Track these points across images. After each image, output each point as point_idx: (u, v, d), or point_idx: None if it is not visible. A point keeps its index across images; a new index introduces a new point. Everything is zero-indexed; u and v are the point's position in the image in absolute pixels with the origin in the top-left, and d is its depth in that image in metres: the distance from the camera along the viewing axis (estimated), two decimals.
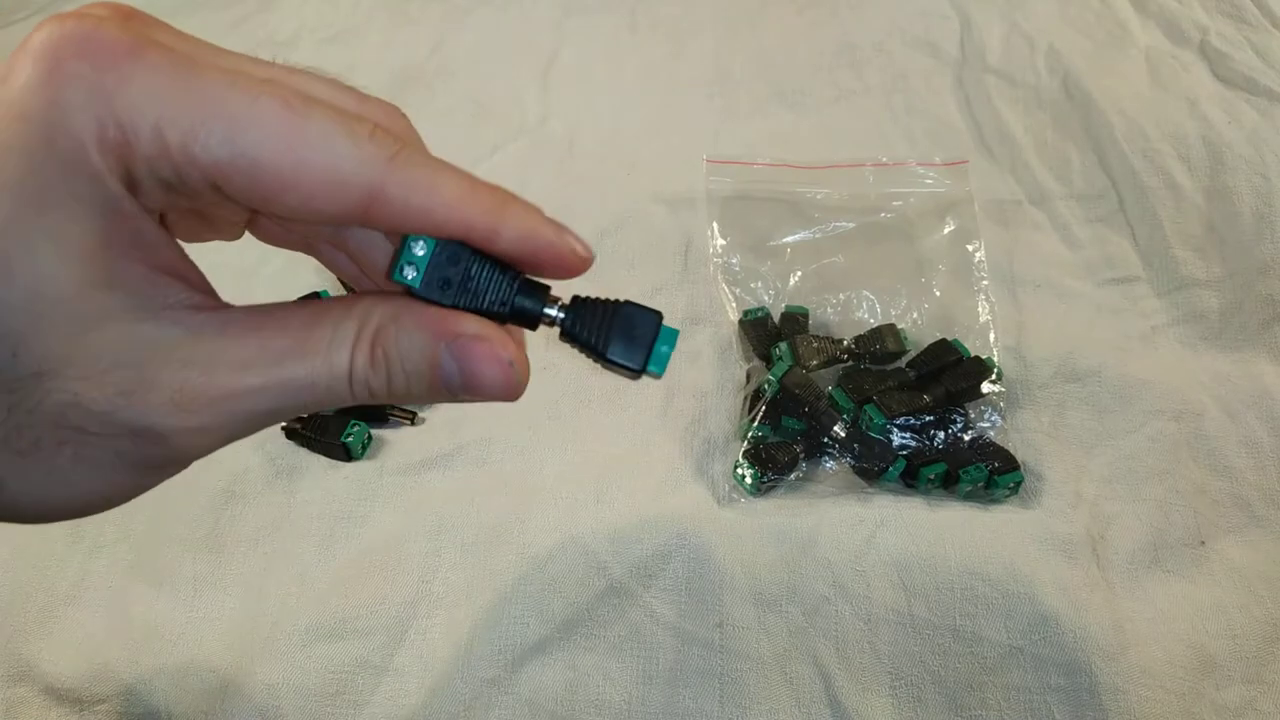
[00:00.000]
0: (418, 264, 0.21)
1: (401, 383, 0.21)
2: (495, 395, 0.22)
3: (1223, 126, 0.59)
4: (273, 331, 0.20)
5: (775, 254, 0.55)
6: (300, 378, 0.20)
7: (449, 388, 0.22)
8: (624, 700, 0.40)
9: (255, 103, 0.19)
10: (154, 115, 0.18)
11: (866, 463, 0.45)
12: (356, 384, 0.21)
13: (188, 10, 0.80)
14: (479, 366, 0.21)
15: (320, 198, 0.19)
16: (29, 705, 0.41)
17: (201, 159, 0.18)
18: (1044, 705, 0.39)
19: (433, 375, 0.21)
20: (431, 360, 0.21)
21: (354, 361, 0.21)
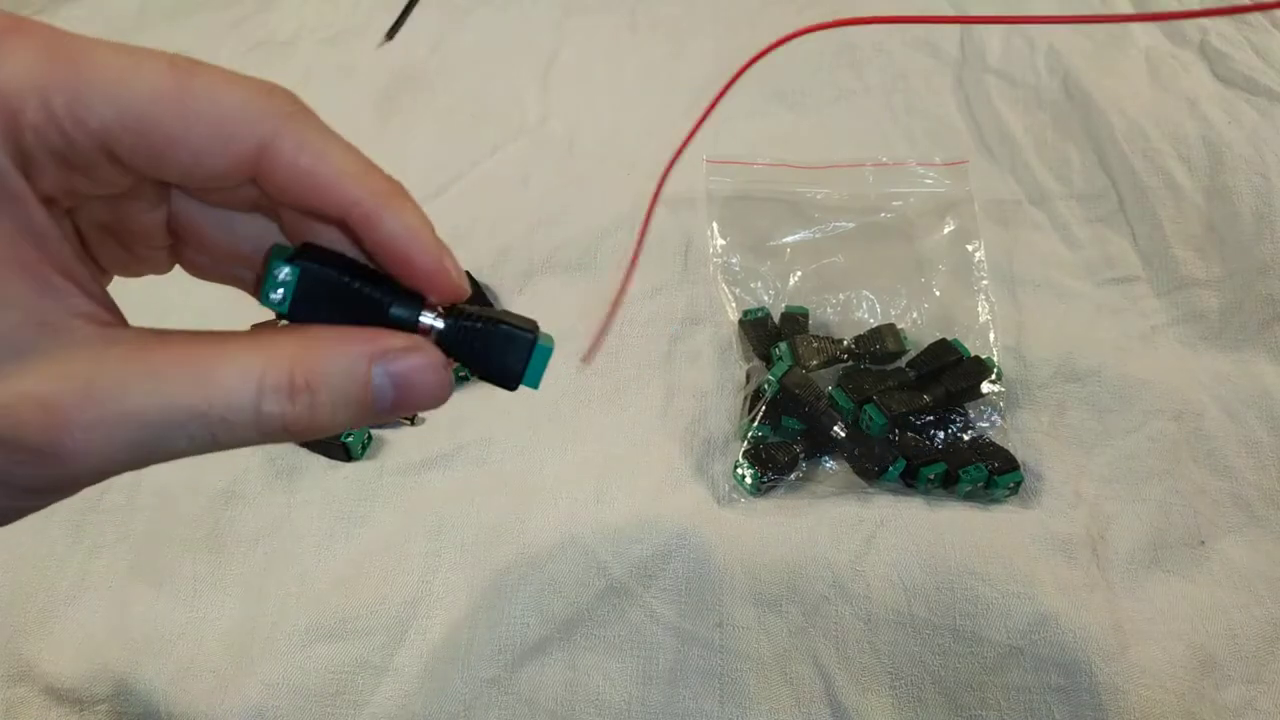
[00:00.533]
0: (285, 287, 0.21)
1: (326, 412, 0.20)
2: (429, 405, 0.21)
3: (1223, 126, 0.59)
4: (165, 355, 0.19)
5: (775, 254, 0.55)
6: (190, 405, 0.19)
7: (379, 407, 0.21)
8: (624, 700, 0.40)
9: (139, 64, 0.18)
10: (37, 82, 0.17)
11: (866, 463, 0.45)
12: (265, 416, 0.19)
13: (187, 10, 0.80)
14: (416, 378, 0.21)
15: (211, 153, 0.19)
16: (29, 705, 0.41)
17: (89, 121, 0.18)
18: (1044, 705, 0.39)
19: (363, 395, 0.20)
20: (361, 380, 0.20)
21: (262, 389, 0.19)
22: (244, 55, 0.75)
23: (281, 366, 0.19)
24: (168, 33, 0.78)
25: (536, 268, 0.57)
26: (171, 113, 0.18)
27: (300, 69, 0.73)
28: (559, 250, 0.57)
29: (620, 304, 0.45)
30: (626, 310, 0.54)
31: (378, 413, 0.21)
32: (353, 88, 0.71)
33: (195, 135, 0.19)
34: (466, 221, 0.60)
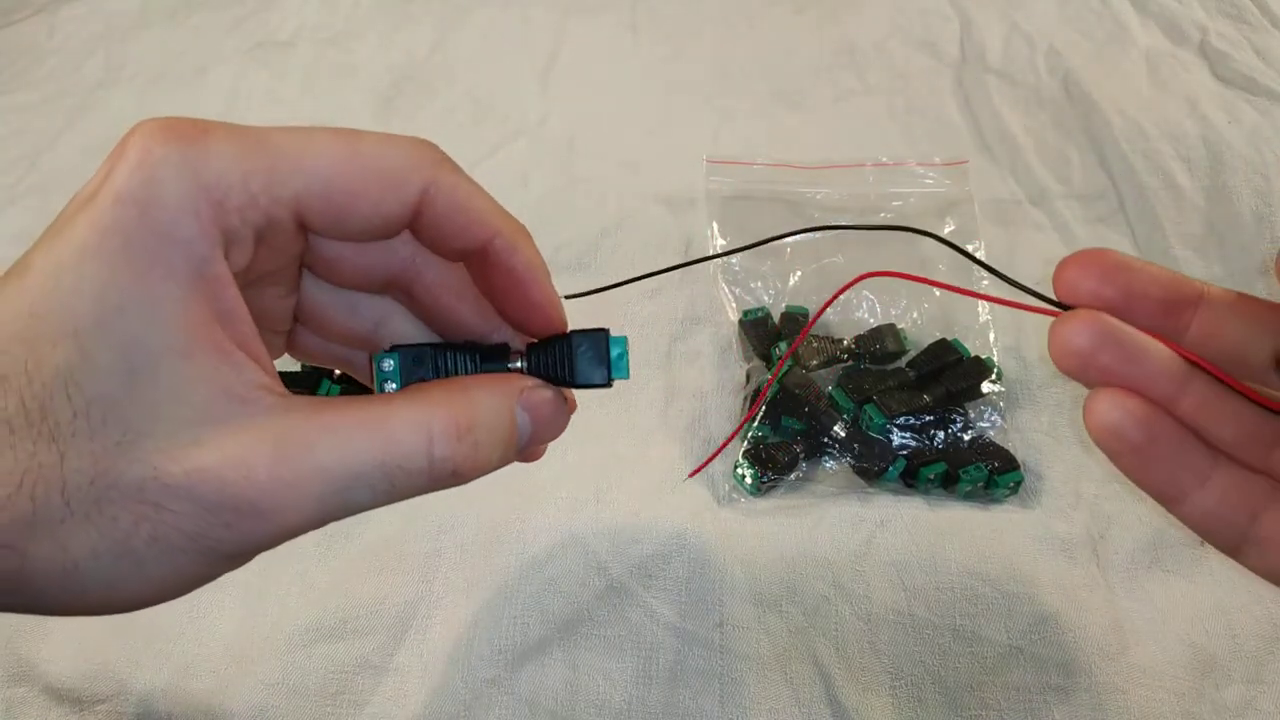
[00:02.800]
0: (392, 376, 0.23)
1: (485, 450, 0.22)
2: (554, 435, 0.24)
3: (1223, 126, 0.59)
4: (340, 416, 0.21)
5: (775, 254, 0.55)
6: (370, 458, 0.20)
7: (521, 441, 0.23)
8: (624, 700, 0.40)
9: (312, 139, 0.21)
10: (237, 172, 0.20)
11: (866, 463, 0.45)
12: (438, 462, 0.21)
13: (187, 10, 0.80)
14: (546, 411, 0.23)
15: (385, 201, 0.21)
16: (29, 705, 0.41)
17: (283, 194, 0.20)
18: (1044, 705, 0.39)
19: (510, 432, 0.22)
20: (509, 418, 0.22)
21: (433, 438, 0.21)
22: (244, 55, 0.75)
23: (447, 414, 0.21)
24: (168, 33, 0.78)
25: None
26: (349, 173, 0.21)
27: (300, 69, 0.73)
28: (559, 250, 0.57)
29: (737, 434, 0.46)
30: (626, 310, 0.54)
31: (521, 447, 0.23)
32: (353, 88, 0.71)
33: (372, 188, 0.21)
34: None
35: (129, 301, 0.19)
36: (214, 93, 0.72)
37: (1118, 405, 0.20)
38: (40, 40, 0.78)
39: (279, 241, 0.22)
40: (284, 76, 0.73)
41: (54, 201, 0.24)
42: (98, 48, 0.77)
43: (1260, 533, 0.20)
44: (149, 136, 0.19)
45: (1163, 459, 0.20)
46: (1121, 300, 0.21)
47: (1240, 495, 0.20)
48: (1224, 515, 0.21)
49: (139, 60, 0.76)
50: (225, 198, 0.20)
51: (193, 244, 0.19)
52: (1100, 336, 0.20)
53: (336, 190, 0.21)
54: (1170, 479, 0.20)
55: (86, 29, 0.79)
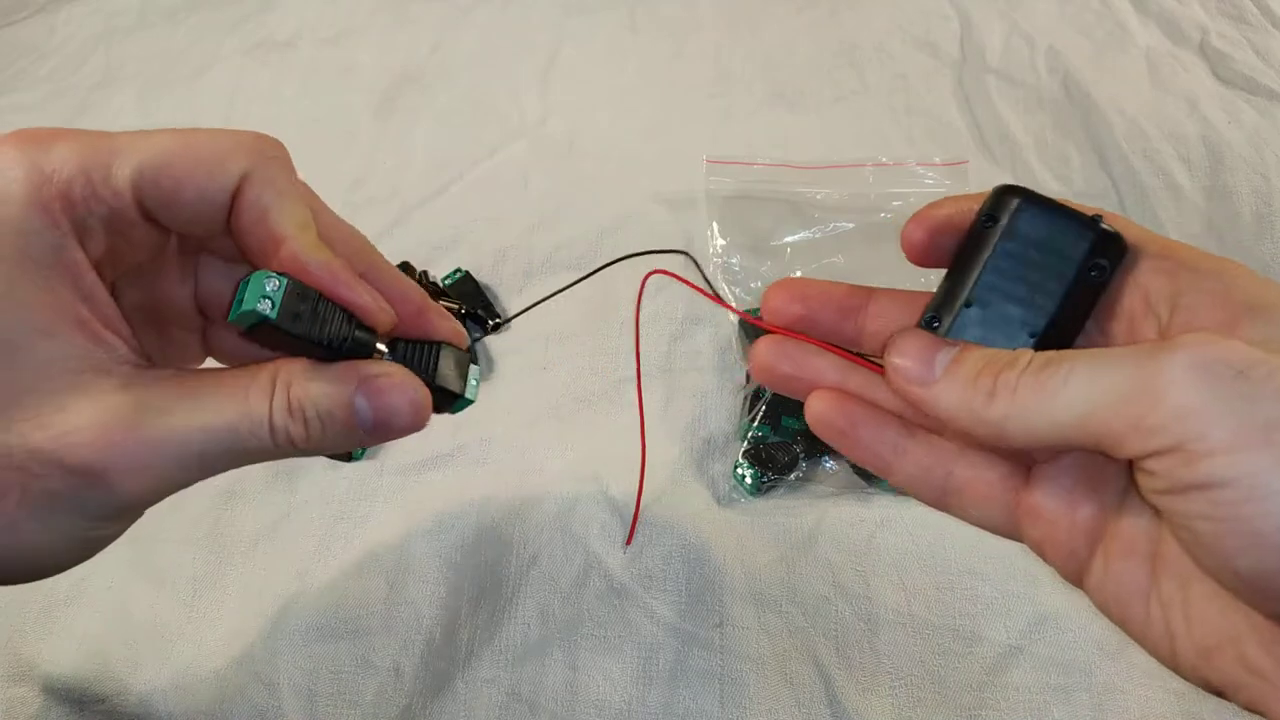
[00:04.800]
0: (273, 298, 0.23)
1: (318, 428, 0.23)
2: (405, 428, 0.24)
3: (1223, 126, 0.59)
4: (195, 385, 0.23)
5: (775, 254, 0.55)
6: (221, 424, 0.22)
7: (362, 427, 0.24)
8: (624, 700, 0.40)
9: (150, 135, 0.23)
10: (76, 166, 0.22)
11: None
12: (277, 431, 0.23)
13: (187, 10, 0.80)
14: (389, 400, 0.24)
15: (208, 185, 0.23)
16: (29, 705, 0.41)
17: (119, 183, 0.22)
18: (1044, 705, 0.39)
19: (346, 417, 0.23)
20: (344, 403, 0.23)
21: (273, 409, 0.23)
22: (244, 55, 0.75)
23: (284, 390, 0.23)
24: (168, 33, 0.78)
25: (536, 268, 0.57)
26: (177, 159, 0.23)
27: (300, 69, 0.73)
28: (559, 250, 0.57)
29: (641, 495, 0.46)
30: (626, 310, 0.54)
31: (364, 431, 0.24)
32: (353, 88, 0.71)
33: (197, 172, 0.23)
34: (466, 221, 0.60)
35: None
36: (214, 93, 0.72)
37: (822, 401, 0.25)
38: (40, 40, 0.78)
39: (132, 231, 0.23)
40: (284, 76, 0.73)
41: None
42: (98, 48, 0.77)
43: (955, 484, 0.25)
44: (2, 143, 0.22)
45: (864, 439, 0.25)
46: (809, 314, 0.25)
47: (933, 458, 0.25)
48: (922, 477, 0.25)
49: (139, 60, 0.76)
50: (69, 190, 0.22)
51: (43, 233, 0.21)
52: (775, 353, 0.26)
53: (165, 175, 0.22)
54: (875, 454, 0.25)
55: (86, 29, 0.79)
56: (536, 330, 0.53)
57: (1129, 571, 0.22)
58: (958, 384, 0.21)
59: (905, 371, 0.22)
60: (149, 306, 0.27)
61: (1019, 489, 0.24)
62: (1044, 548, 0.24)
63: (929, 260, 0.25)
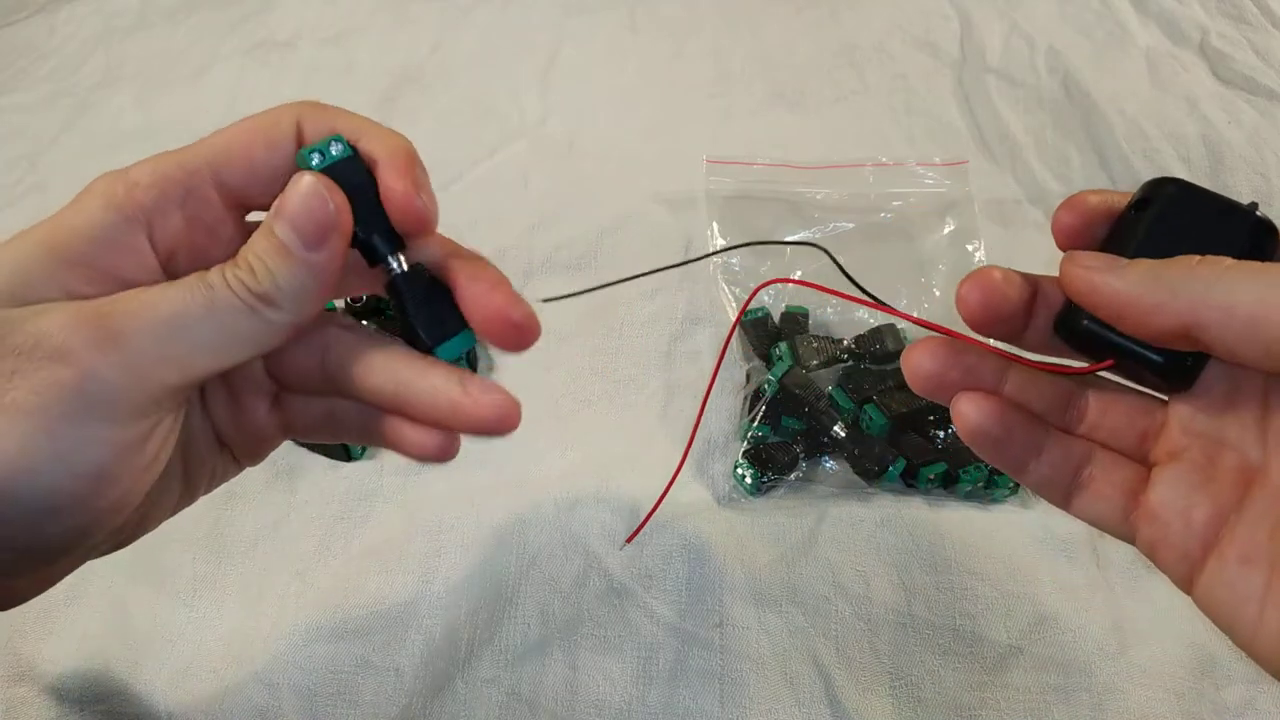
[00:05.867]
0: (327, 155, 0.25)
1: (263, 269, 0.24)
2: (324, 227, 0.24)
3: (1223, 126, 0.59)
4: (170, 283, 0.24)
5: (775, 254, 0.55)
6: (180, 290, 0.23)
7: (290, 244, 0.24)
8: (624, 700, 0.40)
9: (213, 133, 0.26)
10: (151, 164, 0.25)
11: (866, 463, 0.45)
12: (234, 287, 0.24)
13: (187, 10, 0.80)
14: (301, 211, 0.24)
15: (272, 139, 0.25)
16: (29, 705, 0.41)
17: (192, 162, 0.25)
18: (1044, 705, 0.39)
19: (274, 243, 0.24)
20: (270, 237, 0.24)
21: (223, 272, 0.24)
22: (244, 55, 0.75)
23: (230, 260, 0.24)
24: (168, 33, 0.78)
25: (536, 268, 0.57)
26: (239, 133, 0.25)
27: (300, 69, 0.73)
28: (559, 250, 0.57)
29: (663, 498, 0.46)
30: (626, 310, 0.54)
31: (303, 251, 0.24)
32: (353, 88, 0.71)
33: (259, 135, 0.25)
34: (466, 221, 0.60)
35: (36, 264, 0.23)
36: (214, 93, 0.72)
37: (976, 407, 0.25)
38: (40, 40, 0.78)
39: (208, 215, 0.26)
40: (284, 76, 0.73)
41: (53, 201, 0.24)
42: (98, 48, 0.77)
43: (1081, 482, 0.25)
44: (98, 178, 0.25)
45: (1013, 443, 0.25)
46: (1009, 309, 0.25)
47: (1066, 458, 0.25)
48: (1053, 477, 0.26)
49: (139, 60, 0.76)
50: (139, 179, 0.24)
51: (109, 224, 0.24)
52: (946, 359, 0.25)
53: (235, 150, 0.25)
54: (1017, 457, 0.25)
55: (86, 29, 0.79)
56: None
57: (1244, 576, 0.22)
58: (1142, 268, 0.22)
59: (1092, 264, 0.23)
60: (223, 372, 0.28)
61: (1139, 490, 0.24)
62: (1156, 549, 0.24)
63: (1077, 244, 0.26)
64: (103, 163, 0.25)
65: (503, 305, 0.26)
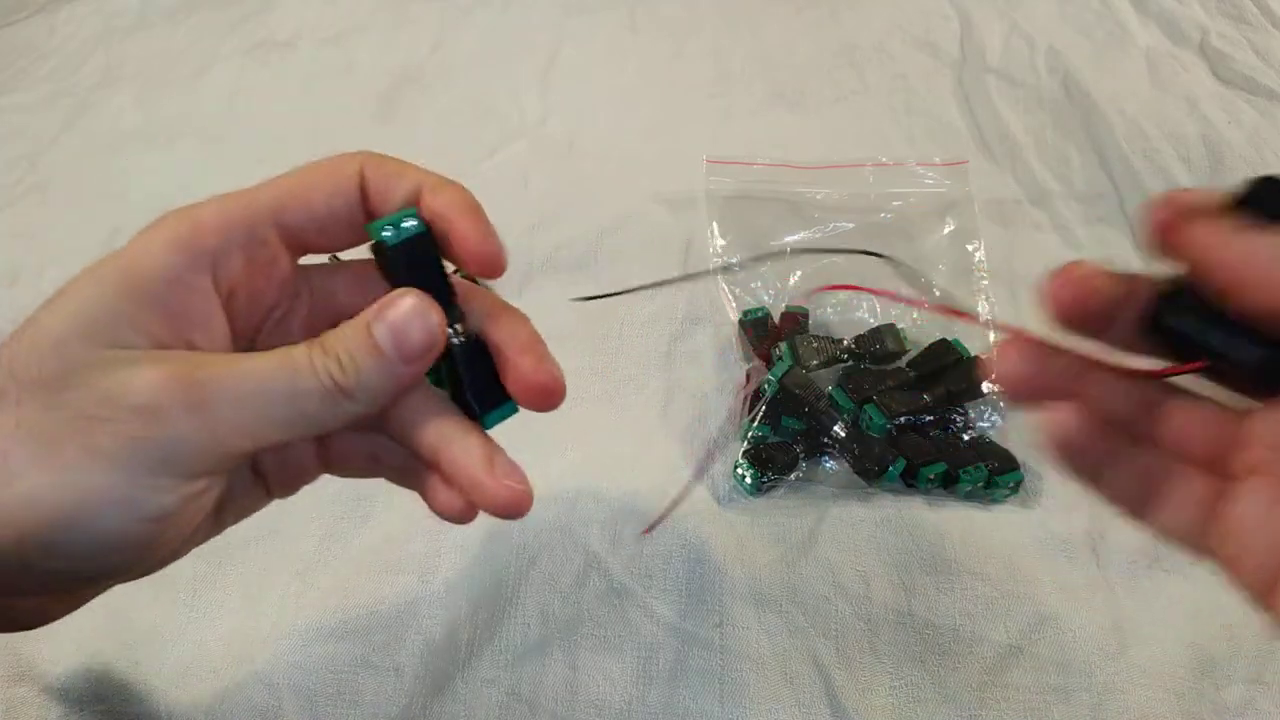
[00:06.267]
0: (400, 232, 0.26)
1: (351, 365, 0.24)
2: (428, 343, 0.25)
3: (1223, 126, 0.59)
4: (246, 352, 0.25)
5: (775, 254, 0.55)
6: (267, 366, 0.24)
7: (389, 352, 0.25)
8: (624, 700, 0.40)
9: (276, 177, 0.27)
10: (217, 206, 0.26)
11: (866, 463, 0.45)
12: (321, 375, 0.24)
13: (187, 9, 0.80)
14: (405, 322, 0.25)
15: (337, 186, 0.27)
16: (29, 705, 0.41)
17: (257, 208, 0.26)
18: (1044, 705, 0.39)
19: (369, 343, 0.25)
20: (365, 337, 0.25)
21: (311, 356, 0.24)
22: (244, 55, 0.75)
23: (318, 340, 0.25)
24: (168, 33, 0.78)
25: (536, 268, 0.57)
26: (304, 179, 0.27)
27: (300, 69, 0.73)
28: (559, 250, 0.57)
29: None
30: (626, 310, 0.54)
31: (394, 360, 0.25)
32: (353, 88, 0.71)
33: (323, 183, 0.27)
34: None
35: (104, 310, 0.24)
36: (214, 93, 0.72)
37: (1065, 421, 0.24)
38: (40, 40, 0.79)
39: (266, 257, 0.26)
40: (284, 76, 0.73)
41: (54, 201, 0.25)
42: (98, 48, 0.77)
43: (1161, 494, 0.24)
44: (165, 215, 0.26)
45: (1092, 454, 0.24)
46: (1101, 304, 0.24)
47: (1147, 469, 0.25)
48: (1132, 488, 0.25)
49: (139, 60, 0.76)
50: (205, 220, 0.25)
51: (173, 265, 0.25)
52: (1037, 360, 0.24)
53: (297, 195, 0.26)
54: (1093, 467, 0.25)
55: (86, 29, 0.79)
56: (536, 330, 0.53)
57: None
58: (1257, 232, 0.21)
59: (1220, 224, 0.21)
60: None
61: (1216, 504, 0.24)
62: (1234, 564, 0.23)
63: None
64: (103, 163, 0.25)
65: (542, 379, 0.28)
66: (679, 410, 0.50)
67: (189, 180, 0.66)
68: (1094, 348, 0.24)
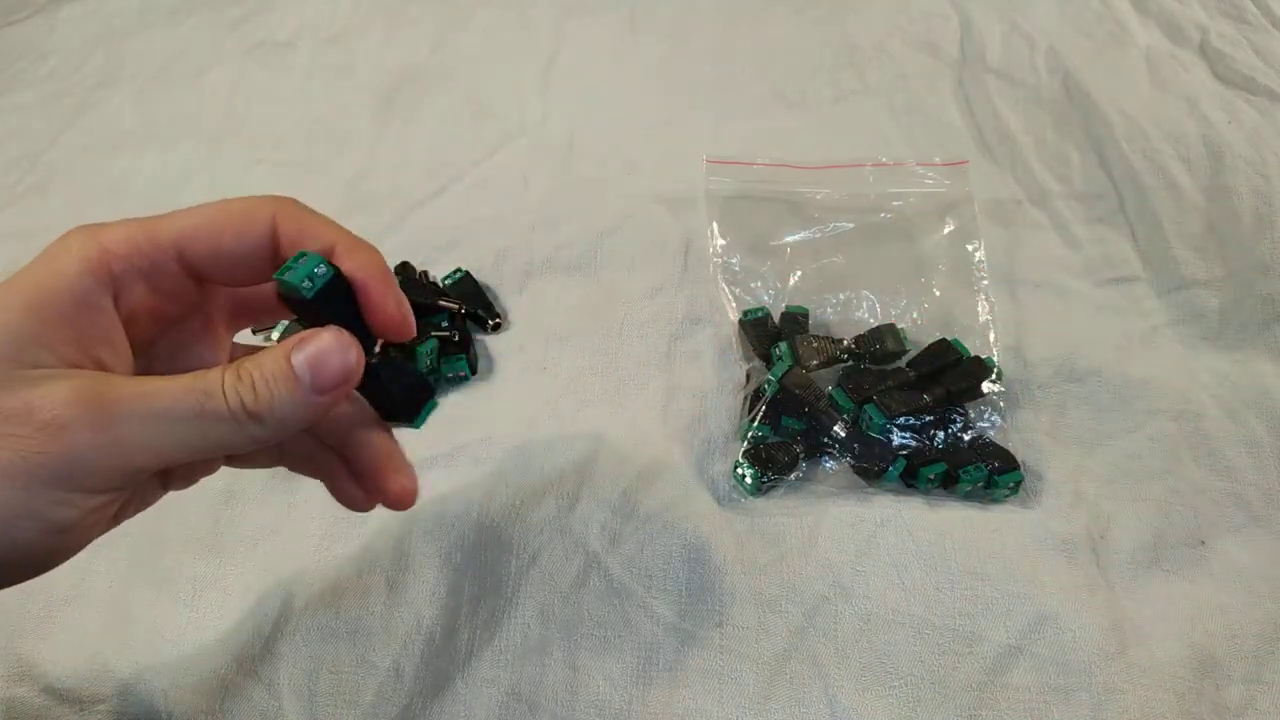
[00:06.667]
0: (315, 282, 0.26)
1: (265, 391, 0.25)
2: (341, 377, 0.26)
3: (1223, 126, 0.59)
4: (159, 374, 0.26)
5: (775, 254, 0.55)
6: (179, 387, 0.25)
7: (304, 383, 0.26)
8: (624, 700, 0.40)
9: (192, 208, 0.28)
10: (125, 232, 0.26)
11: (866, 463, 0.45)
12: (230, 399, 0.25)
13: (187, 9, 0.80)
14: (324, 356, 0.26)
15: (245, 232, 0.27)
16: (29, 705, 0.41)
17: (162, 240, 0.27)
18: (1044, 705, 0.39)
19: (285, 371, 0.25)
20: (283, 364, 0.25)
21: (224, 379, 0.25)
22: (244, 55, 0.75)
23: (233, 365, 0.26)
24: (168, 33, 0.78)
25: (536, 268, 0.57)
26: (215, 218, 0.27)
27: (300, 69, 0.73)
28: (559, 250, 0.57)
29: None
30: (626, 310, 0.54)
31: (307, 391, 0.26)
32: (353, 88, 0.71)
33: (230, 226, 0.27)
34: (466, 221, 0.60)
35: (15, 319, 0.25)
36: (214, 93, 0.72)
37: None
38: (40, 40, 0.79)
39: (169, 284, 0.28)
40: (284, 76, 0.73)
41: (54, 201, 0.25)
42: (98, 48, 0.77)
43: None
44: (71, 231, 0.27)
45: None
46: None
47: None
48: None
49: (139, 60, 0.76)
50: (112, 248, 0.26)
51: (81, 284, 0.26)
52: None
53: (204, 232, 0.27)
54: None
55: (86, 29, 0.79)
56: (536, 330, 0.54)
57: None
58: None
59: None
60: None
61: None
62: None
63: None
64: (103, 163, 0.26)
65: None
66: (679, 410, 0.50)
67: (189, 180, 0.66)
68: None
